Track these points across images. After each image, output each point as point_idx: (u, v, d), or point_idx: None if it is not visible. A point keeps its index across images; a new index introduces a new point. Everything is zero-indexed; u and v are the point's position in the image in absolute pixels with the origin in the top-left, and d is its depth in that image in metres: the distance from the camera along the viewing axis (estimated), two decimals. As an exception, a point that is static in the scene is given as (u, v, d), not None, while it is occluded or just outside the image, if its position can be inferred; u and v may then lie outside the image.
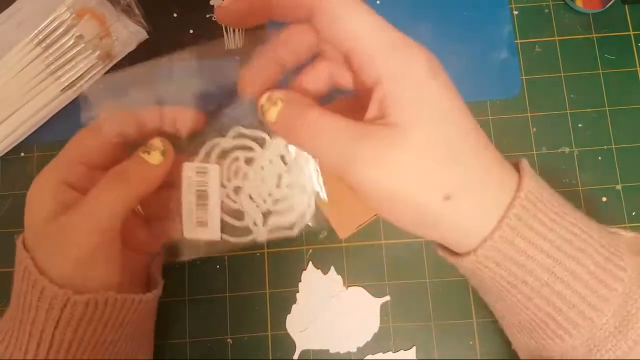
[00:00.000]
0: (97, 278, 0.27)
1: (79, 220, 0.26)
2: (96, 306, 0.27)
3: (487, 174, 0.23)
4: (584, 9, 0.41)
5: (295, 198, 0.31)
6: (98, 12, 0.40)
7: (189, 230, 0.30)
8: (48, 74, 0.40)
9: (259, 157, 0.31)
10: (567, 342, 0.23)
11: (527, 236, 0.22)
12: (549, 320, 0.24)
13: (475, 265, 0.24)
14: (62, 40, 0.40)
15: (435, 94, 0.22)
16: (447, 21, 0.42)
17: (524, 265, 0.23)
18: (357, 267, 0.39)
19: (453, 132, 0.22)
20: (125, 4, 0.41)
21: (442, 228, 0.23)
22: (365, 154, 0.22)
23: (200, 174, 0.29)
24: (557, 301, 0.23)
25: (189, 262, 0.39)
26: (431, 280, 0.39)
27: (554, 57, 0.42)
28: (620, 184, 0.39)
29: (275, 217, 0.31)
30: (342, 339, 0.38)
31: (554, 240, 0.22)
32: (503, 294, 0.24)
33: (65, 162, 0.29)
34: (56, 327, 0.26)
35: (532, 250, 0.22)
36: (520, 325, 0.26)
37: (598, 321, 0.22)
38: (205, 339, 0.38)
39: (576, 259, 0.22)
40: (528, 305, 0.24)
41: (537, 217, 0.22)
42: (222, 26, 0.42)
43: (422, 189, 0.22)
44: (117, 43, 0.40)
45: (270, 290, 0.39)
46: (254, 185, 0.31)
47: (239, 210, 0.31)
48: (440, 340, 0.38)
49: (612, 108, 0.41)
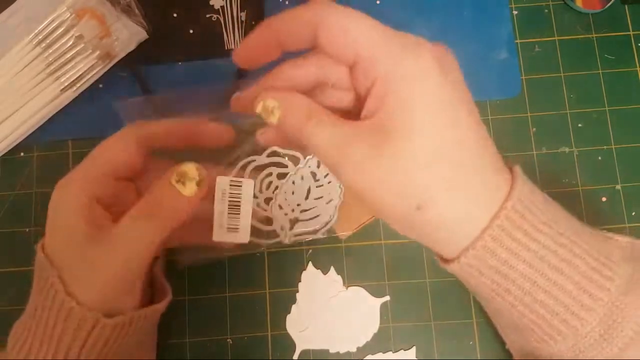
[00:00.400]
0: (124, 303, 0.28)
1: (112, 251, 0.26)
2: (123, 327, 0.27)
3: (476, 180, 0.23)
4: (584, 9, 0.41)
5: (320, 208, 0.34)
6: (98, 12, 0.40)
7: (218, 235, 0.30)
8: (48, 74, 0.40)
9: (292, 173, 0.33)
10: (553, 347, 0.24)
11: (509, 247, 0.22)
12: (534, 326, 0.24)
13: (459, 272, 0.24)
14: (62, 40, 0.40)
15: (434, 99, 0.22)
16: (446, 21, 0.42)
17: (506, 274, 0.23)
18: (357, 267, 0.39)
19: (442, 140, 0.22)
20: (125, 4, 0.41)
21: (423, 234, 0.24)
22: (352, 159, 0.22)
23: (234, 187, 0.30)
24: (540, 309, 0.23)
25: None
26: (431, 280, 0.39)
27: (554, 57, 0.42)
28: (620, 184, 0.39)
29: (302, 223, 0.35)
30: (342, 339, 0.38)
31: (537, 251, 0.22)
32: (489, 298, 0.25)
33: (96, 176, 0.28)
34: (82, 347, 0.26)
35: (514, 261, 0.22)
36: (509, 327, 0.26)
37: (582, 329, 0.22)
38: (205, 339, 0.38)
39: (559, 269, 0.22)
40: (512, 311, 0.24)
41: (521, 228, 0.22)
42: (222, 26, 0.42)
43: (395, 198, 0.22)
44: (117, 43, 0.40)
45: (270, 290, 0.39)
46: (284, 197, 0.32)
47: (267, 217, 0.32)
48: (440, 340, 0.38)
49: (612, 108, 0.41)
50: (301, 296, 0.39)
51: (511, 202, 0.22)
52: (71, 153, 0.41)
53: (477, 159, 0.23)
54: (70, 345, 0.26)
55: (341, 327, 0.38)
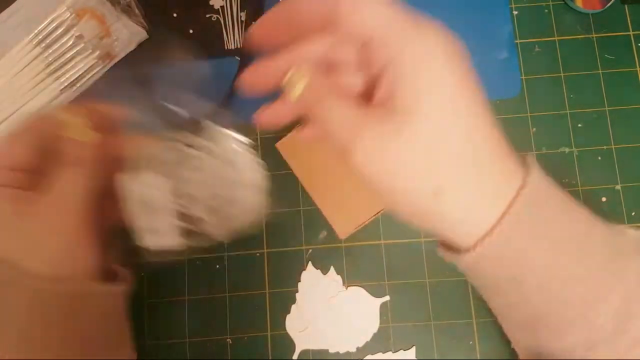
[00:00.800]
0: (74, 269, 0.26)
1: (46, 208, 0.25)
2: (73, 298, 0.26)
3: (491, 168, 0.22)
4: (584, 9, 0.41)
5: (239, 194, 0.31)
6: (98, 12, 0.40)
7: (141, 238, 0.29)
8: (48, 74, 0.40)
9: (204, 162, 0.31)
10: (565, 341, 0.23)
11: (526, 234, 0.22)
12: (547, 319, 0.23)
13: (473, 262, 0.23)
14: (62, 40, 0.40)
15: (447, 83, 0.22)
16: (446, 21, 0.42)
17: (522, 264, 0.22)
18: (357, 267, 0.39)
19: (457, 126, 0.22)
20: (125, 4, 0.40)
21: (437, 223, 0.23)
22: (365, 143, 0.22)
23: (142, 184, 0.29)
24: (555, 301, 0.23)
25: (189, 262, 0.39)
26: (431, 280, 0.39)
27: (554, 57, 0.41)
28: (620, 184, 0.39)
29: (222, 214, 0.31)
30: (341, 339, 0.38)
31: (555, 239, 0.22)
32: (502, 291, 0.24)
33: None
34: (35, 320, 0.25)
35: (532, 249, 0.22)
36: (519, 323, 0.26)
37: (596, 321, 0.22)
38: (205, 339, 0.38)
39: (576, 258, 0.22)
40: (527, 303, 0.24)
41: (538, 215, 0.22)
42: (222, 26, 0.42)
43: (412, 184, 0.22)
44: (117, 43, 0.40)
45: (270, 290, 0.39)
46: (199, 188, 0.31)
47: (186, 213, 0.30)
48: (440, 340, 0.38)
49: (612, 108, 0.41)
50: (301, 296, 0.39)
51: (528, 188, 0.22)
52: (71, 153, 0.41)
53: (493, 146, 0.23)
54: (22, 318, 0.25)
55: (341, 327, 0.38)
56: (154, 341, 0.38)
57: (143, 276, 0.39)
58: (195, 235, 0.31)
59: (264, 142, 0.40)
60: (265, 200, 0.30)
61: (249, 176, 0.30)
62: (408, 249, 0.39)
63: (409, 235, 0.39)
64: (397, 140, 0.21)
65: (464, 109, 0.22)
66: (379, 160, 0.22)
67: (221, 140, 0.30)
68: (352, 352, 0.38)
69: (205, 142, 0.30)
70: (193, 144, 0.30)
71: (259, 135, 0.41)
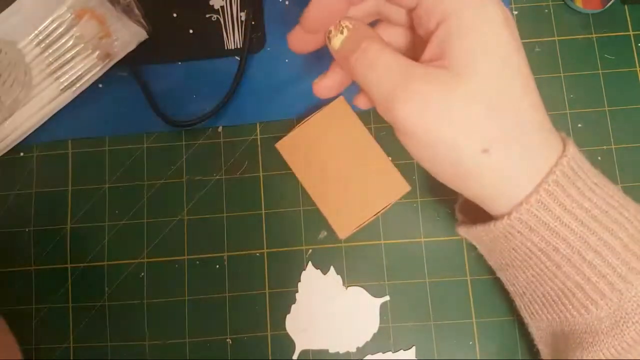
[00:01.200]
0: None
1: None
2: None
3: (535, 134, 0.22)
4: (584, 9, 0.41)
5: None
6: (98, 12, 0.40)
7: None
8: (48, 74, 0.40)
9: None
10: (592, 314, 0.23)
11: (563, 203, 0.22)
12: (576, 289, 0.23)
13: (507, 229, 0.23)
14: (62, 40, 0.40)
15: (502, 44, 0.22)
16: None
17: (557, 232, 0.22)
18: (357, 267, 0.39)
19: (510, 88, 0.22)
20: (125, 4, 0.41)
21: (478, 183, 0.23)
22: (413, 95, 0.21)
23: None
24: (587, 270, 0.23)
25: (189, 262, 0.39)
26: (431, 280, 0.39)
27: (554, 57, 0.41)
28: (620, 184, 0.39)
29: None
30: (341, 339, 0.38)
31: (590, 210, 0.22)
32: (531, 261, 0.24)
33: None
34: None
35: (567, 218, 0.22)
36: (543, 297, 0.25)
37: (627, 293, 0.22)
38: (205, 339, 0.38)
39: (611, 230, 0.22)
40: (557, 273, 0.24)
41: (575, 185, 0.22)
42: (222, 26, 0.42)
43: (463, 138, 0.21)
44: (117, 43, 0.40)
45: (270, 290, 0.39)
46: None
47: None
48: (439, 340, 0.38)
49: (612, 108, 0.41)
50: (301, 296, 0.39)
51: (566, 159, 0.22)
52: (71, 153, 0.41)
53: (539, 113, 0.23)
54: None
55: (341, 327, 0.38)
56: (154, 341, 0.38)
57: (143, 276, 0.39)
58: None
59: (264, 142, 0.40)
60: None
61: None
62: (408, 249, 0.39)
63: (409, 235, 0.39)
64: (450, 95, 0.21)
65: (517, 71, 0.22)
66: (428, 113, 0.21)
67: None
68: (352, 352, 0.38)
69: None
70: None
71: (259, 135, 0.41)
